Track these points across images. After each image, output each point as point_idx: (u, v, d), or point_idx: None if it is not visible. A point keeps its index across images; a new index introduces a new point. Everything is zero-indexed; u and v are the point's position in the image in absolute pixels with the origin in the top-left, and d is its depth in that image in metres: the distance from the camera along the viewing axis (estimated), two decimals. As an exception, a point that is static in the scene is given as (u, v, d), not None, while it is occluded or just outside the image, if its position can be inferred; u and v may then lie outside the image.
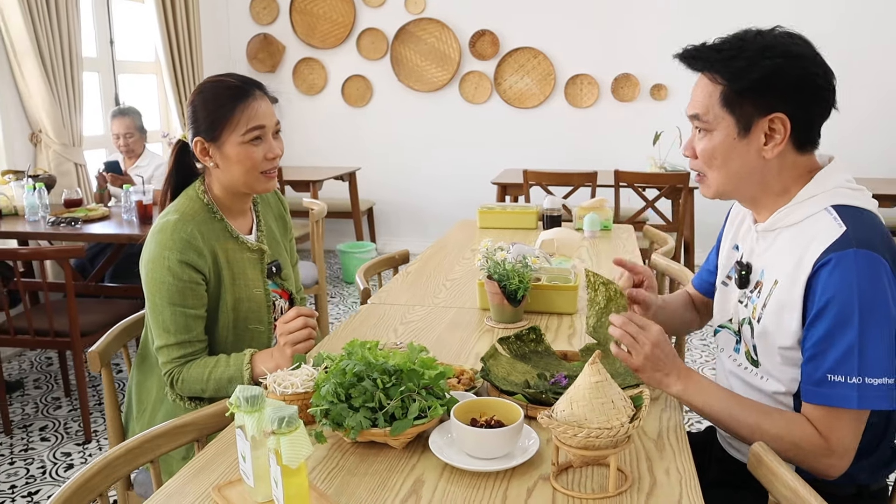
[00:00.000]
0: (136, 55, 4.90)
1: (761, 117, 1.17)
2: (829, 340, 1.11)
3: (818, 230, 1.17)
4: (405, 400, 1.16)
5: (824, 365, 1.12)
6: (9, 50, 3.67)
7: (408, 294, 2.07)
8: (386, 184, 5.97)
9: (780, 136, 1.18)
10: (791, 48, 1.16)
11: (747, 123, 1.18)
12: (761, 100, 1.17)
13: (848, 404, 1.10)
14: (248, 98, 1.55)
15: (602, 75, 5.38)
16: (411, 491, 1.06)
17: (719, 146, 1.21)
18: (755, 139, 1.19)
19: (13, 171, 3.56)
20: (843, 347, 1.10)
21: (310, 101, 5.96)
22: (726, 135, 1.20)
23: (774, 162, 1.21)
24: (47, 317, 2.80)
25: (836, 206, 1.18)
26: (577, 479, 1.08)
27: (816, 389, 1.13)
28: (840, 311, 1.10)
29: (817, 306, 1.13)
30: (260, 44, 5.89)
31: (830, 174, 1.22)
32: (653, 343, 1.20)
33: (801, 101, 1.17)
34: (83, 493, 1.09)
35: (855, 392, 1.09)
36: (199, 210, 1.60)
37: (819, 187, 1.21)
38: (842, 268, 1.10)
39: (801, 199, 1.21)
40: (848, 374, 1.10)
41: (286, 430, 0.94)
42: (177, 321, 1.54)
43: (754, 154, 1.20)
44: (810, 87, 1.17)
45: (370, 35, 5.72)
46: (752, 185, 1.24)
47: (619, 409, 1.03)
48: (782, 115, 1.16)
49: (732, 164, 1.22)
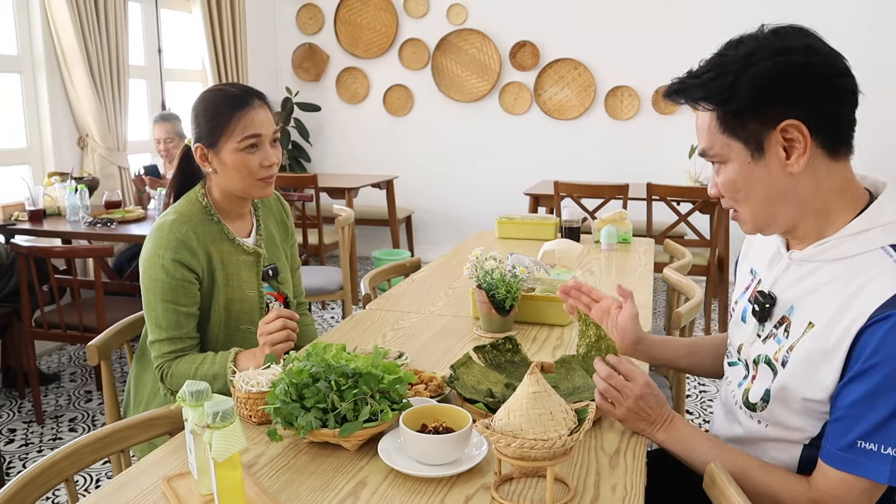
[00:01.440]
0: (183, 63, 5.08)
1: (771, 131, 1.03)
2: (868, 404, 0.98)
3: (873, 275, 1.01)
4: (358, 403, 1.18)
5: (857, 429, 0.99)
6: (60, 59, 3.86)
7: (407, 301, 2.09)
8: (425, 193, 6.02)
9: (802, 144, 1.02)
10: (777, 44, 1.02)
11: (758, 143, 1.04)
12: (763, 112, 1.03)
13: (878, 477, 0.98)
14: (246, 107, 1.60)
15: (643, 87, 5.31)
16: (351, 492, 1.07)
17: (737, 176, 1.08)
18: (773, 157, 1.04)
19: (59, 173, 3.74)
20: (884, 414, 0.97)
21: (352, 110, 6.06)
22: (741, 162, 1.06)
23: (806, 176, 1.05)
24: (77, 313, 2.93)
25: (894, 245, 1.03)
26: (520, 490, 1.07)
27: (842, 454, 1.00)
28: (889, 376, 0.96)
29: (863, 365, 0.98)
30: (305, 53, 6.03)
31: (885, 204, 1.06)
32: (636, 397, 1.17)
33: (808, 98, 1.01)
34: (46, 478, 1.13)
35: (889, 465, 0.97)
36: (196, 212, 1.66)
37: (872, 220, 1.05)
38: None
39: (851, 233, 1.05)
40: (883, 444, 0.97)
41: (220, 424, 0.96)
42: (168, 318, 1.60)
43: (779, 174, 1.05)
44: (812, 80, 1.01)
45: (412, 45, 5.79)
46: (788, 209, 1.08)
47: (559, 421, 1.02)
48: (793, 121, 1.01)
49: (758, 190, 1.07)
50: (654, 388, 1.19)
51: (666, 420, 1.19)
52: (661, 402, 1.19)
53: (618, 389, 1.18)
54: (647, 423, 1.19)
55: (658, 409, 1.19)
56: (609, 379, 1.19)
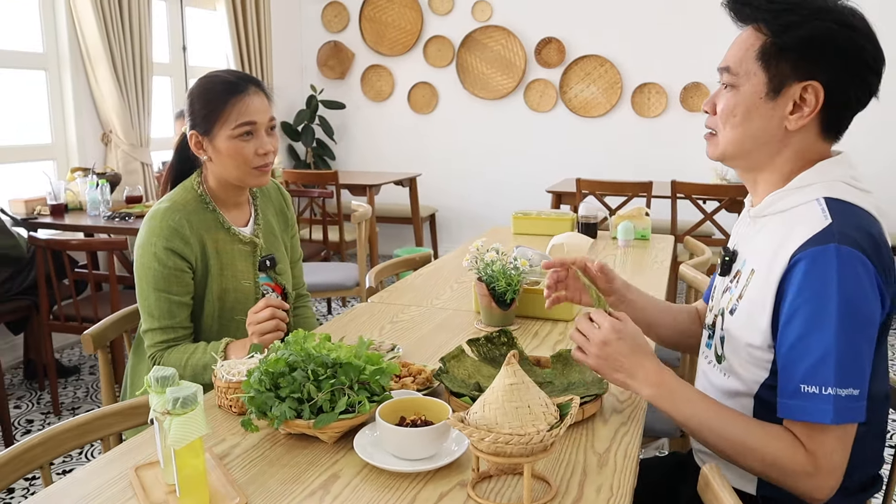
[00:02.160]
0: (207, 61, 5.11)
1: (796, 81, 1.07)
2: (801, 347, 1.00)
3: (800, 222, 1.06)
4: (336, 393, 1.13)
5: (797, 374, 1.01)
6: (84, 56, 3.91)
7: (410, 295, 2.04)
8: (449, 191, 5.97)
9: (810, 108, 1.07)
10: (847, 18, 1.06)
11: (779, 84, 1.08)
12: (802, 62, 1.06)
13: (823, 418, 0.98)
14: (241, 93, 1.57)
15: (671, 84, 5.19)
16: (322, 486, 1.02)
17: (742, 102, 1.11)
18: (782, 105, 1.08)
19: (82, 169, 3.78)
20: (819, 353, 0.98)
21: (377, 108, 6.05)
22: (753, 92, 1.10)
23: (794, 137, 1.10)
24: (92, 305, 2.95)
25: (829, 198, 1.07)
26: (499, 489, 1.01)
27: (790, 402, 1.02)
28: (815, 313, 0.99)
29: (789, 309, 1.02)
30: (330, 51, 6.03)
31: (833, 165, 1.11)
32: (600, 342, 1.12)
33: (843, 76, 1.06)
34: (21, 463, 1.12)
35: (830, 405, 0.97)
36: (190, 200, 1.63)
37: (817, 176, 1.10)
38: (820, 264, 0.99)
39: (795, 186, 1.11)
40: (823, 384, 0.98)
41: (180, 410, 0.93)
42: (161, 307, 1.58)
43: (776, 121, 1.09)
44: (855, 62, 1.06)
45: (437, 42, 5.75)
46: (762, 154, 1.13)
47: (537, 415, 0.96)
48: (818, 85, 1.06)
49: (751, 124, 1.11)
50: (622, 333, 1.12)
51: (651, 373, 1.12)
52: (635, 349, 1.12)
53: (584, 335, 1.14)
54: (625, 374, 1.13)
55: (631, 357, 1.12)
56: (578, 323, 1.15)
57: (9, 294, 3.14)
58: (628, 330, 1.13)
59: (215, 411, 1.28)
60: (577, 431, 1.18)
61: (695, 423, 1.09)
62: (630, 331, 1.14)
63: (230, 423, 1.23)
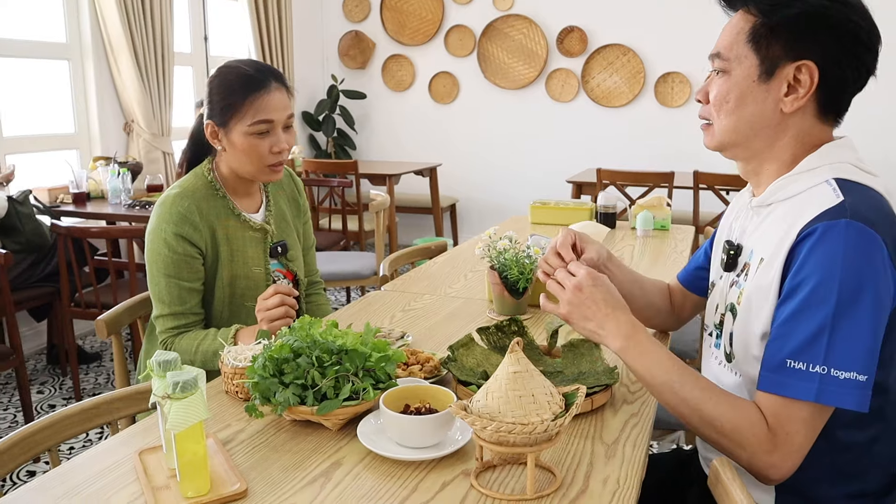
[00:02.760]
0: (229, 51, 5.13)
1: (789, 62, 1.04)
2: (796, 320, 0.96)
3: (812, 201, 1.02)
4: (340, 380, 1.12)
5: (786, 348, 0.97)
6: (107, 46, 3.94)
7: (424, 283, 2.03)
8: (470, 181, 5.94)
9: (805, 89, 1.04)
10: None
11: (772, 66, 1.05)
12: (794, 41, 1.03)
13: (805, 396, 0.94)
14: (260, 89, 1.55)
15: (695, 73, 5.10)
16: (323, 473, 1.01)
17: (735, 87, 1.07)
18: (776, 87, 1.05)
19: (104, 158, 3.82)
20: (812, 329, 0.95)
21: (397, 98, 6.03)
22: (745, 76, 1.06)
23: (791, 121, 1.07)
24: (112, 292, 2.98)
25: (838, 178, 1.03)
26: (502, 479, 1.00)
27: (772, 376, 0.98)
28: (816, 288, 0.95)
29: (791, 282, 0.98)
30: (351, 41, 6.02)
31: (838, 148, 1.08)
32: (574, 286, 1.10)
33: (836, 54, 1.02)
34: (28, 446, 1.12)
35: (815, 383, 0.94)
36: (201, 187, 1.63)
37: (823, 159, 1.06)
38: (829, 239, 0.96)
39: (801, 171, 1.07)
40: (811, 362, 0.94)
41: (180, 394, 0.92)
42: (171, 292, 1.58)
43: (771, 104, 1.06)
44: (849, 39, 1.02)
45: (458, 32, 5.71)
46: (760, 140, 1.09)
47: (541, 405, 0.94)
48: (811, 64, 1.03)
49: (745, 109, 1.07)
50: (598, 282, 1.11)
51: (623, 325, 1.09)
52: (608, 300, 1.10)
53: (559, 282, 1.13)
54: (596, 324, 1.11)
55: (604, 307, 1.10)
56: (549, 258, 1.14)
57: (31, 281, 3.19)
58: (604, 281, 1.12)
59: (222, 397, 1.27)
60: (586, 422, 1.16)
61: (658, 382, 1.06)
62: (606, 282, 1.12)
63: (236, 408, 1.22)
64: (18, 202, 3.10)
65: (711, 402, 1.02)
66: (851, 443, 1.06)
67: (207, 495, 0.95)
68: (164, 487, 0.97)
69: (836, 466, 1.08)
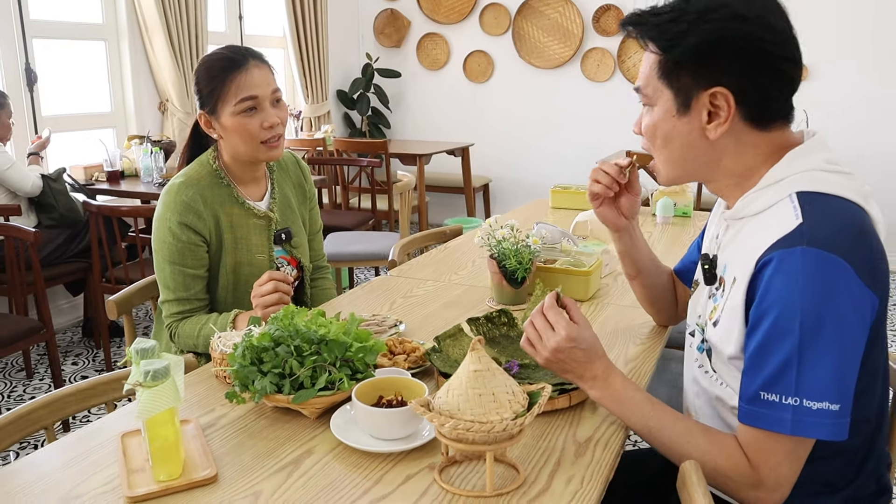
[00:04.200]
0: (264, 30, 5.17)
1: (701, 91, 1.01)
2: (764, 352, 0.95)
3: (773, 222, 0.99)
4: (317, 370, 1.14)
5: (758, 379, 0.95)
6: (142, 27, 4.02)
7: (430, 269, 2.03)
8: (503, 161, 5.91)
9: (725, 113, 1.01)
10: (738, 9, 0.98)
11: (686, 98, 1.03)
12: (700, 70, 1.01)
13: (780, 428, 0.93)
14: (239, 69, 1.57)
15: (734, 51, 4.94)
16: (293, 461, 1.04)
17: (659, 123, 1.07)
18: (696, 117, 1.03)
19: (138, 137, 3.92)
20: (780, 361, 0.92)
21: (432, 77, 6.01)
22: (665, 111, 1.05)
23: (726, 142, 1.04)
24: (140, 269, 3.07)
25: (801, 192, 0.99)
26: (466, 473, 1.00)
27: (748, 408, 0.96)
28: (778, 320, 0.93)
29: (756, 312, 0.97)
30: (387, 19, 6.00)
31: (803, 154, 1.03)
32: (553, 349, 1.10)
33: (747, 72, 0.99)
34: (24, 423, 1.18)
35: (789, 414, 0.92)
36: (205, 175, 1.66)
37: (787, 169, 1.02)
38: (785, 269, 0.93)
39: (767, 184, 1.03)
40: (783, 393, 0.92)
41: (150, 383, 0.95)
42: (175, 279, 1.62)
43: (697, 134, 1.04)
44: (756, 55, 0.98)
45: (493, 10, 5.64)
46: (702, 168, 1.08)
47: (502, 404, 0.94)
48: (723, 90, 1.00)
49: (674, 144, 1.07)
50: (579, 342, 1.09)
51: (599, 377, 1.10)
52: (589, 357, 1.10)
53: (539, 334, 1.12)
54: (574, 376, 1.12)
55: (585, 364, 1.10)
56: (534, 318, 1.12)
57: (66, 256, 3.31)
58: (583, 337, 1.10)
59: (213, 381, 1.31)
60: (562, 419, 1.16)
61: (637, 428, 1.08)
62: (585, 338, 1.10)
63: (223, 393, 1.25)
64: (52, 179, 3.21)
65: (690, 445, 1.01)
66: (839, 450, 1.04)
67: (178, 479, 0.98)
68: (139, 470, 1.01)
69: (820, 475, 1.06)
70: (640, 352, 1.44)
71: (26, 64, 3.55)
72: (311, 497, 0.95)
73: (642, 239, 1.42)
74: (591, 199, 1.37)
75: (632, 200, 1.36)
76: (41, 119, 3.65)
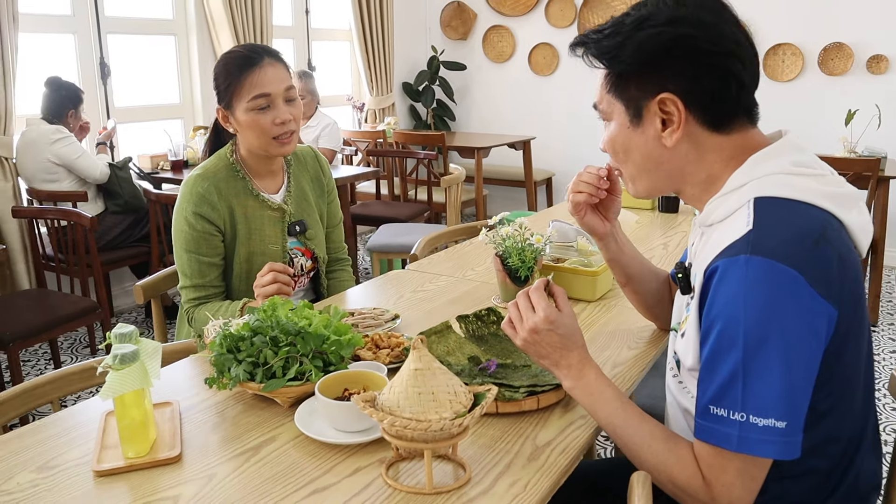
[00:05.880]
0: (330, 23, 5.28)
1: (649, 99, 1.01)
2: (712, 364, 0.92)
3: (727, 230, 0.96)
4: (290, 361, 1.19)
5: (708, 393, 0.92)
6: (209, 21, 4.19)
7: (448, 264, 2.05)
8: (567, 154, 5.83)
9: (677, 118, 1.00)
10: (671, 13, 0.97)
11: (637, 109, 1.03)
12: (644, 78, 1.00)
13: (727, 445, 0.90)
14: (253, 67, 1.63)
15: (808, 45, 4.69)
16: (255, 447, 1.08)
17: (616, 137, 1.08)
18: (650, 126, 1.02)
19: (203, 127, 4.09)
20: (726, 375, 0.90)
21: (497, 69, 5.99)
22: (620, 124, 1.06)
23: (685, 148, 1.02)
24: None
25: (759, 198, 0.96)
26: (415, 470, 1.02)
27: (700, 422, 0.94)
28: (723, 332, 0.90)
29: (705, 323, 0.94)
30: (453, 11, 6.02)
31: (767, 157, 0.99)
32: (531, 329, 1.10)
33: (686, 74, 0.98)
34: (30, 398, 1.28)
35: (736, 430, 0.89)
36: (221, 168, 1.73)
37: (749, 174, 0.99)
38: (729, 279, 0.90)
39: (729, 190, 1.01)
40: (730, 408, 0.89)
41: (118, 366, 1.02)
42: (192, 266, 1.71)
43: (654, 143, 1.03)
44: (691, 55, 0.97)
45: (559, 2, 5.56)
46: (667, 178, 1.07)
47: (441, 403, 0.95)
48: (669, 95, 0.99)
49: (634, 155, 1.07)
50: (556, 326, 1.09)
51: (574, 367, 1.10)
52: (565, 344, 1.10)
53: (521, 314, 1.12)
54: (550, 362, 1.12)
55: (560, 350, 1.10)
56: (518, 299, 1.13)
57: (130, 240, 3.51)
58: (562, 322, 1.10)
59: (207, 365, 1.37)
60: (528, 421, 1.16)
61: (603, 423, 1.07)
62: (564, 324, 1.10)
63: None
64: (118, 168, 3.41)
65: (650, 450, 1.00)
66: (807, 469, 1.00)
67: (144, 458, 1.04)
68: (113, 447, 1.08)
69: (791, 495, 1.02)
70: (631, 356, 1.41)
71: (101, 58, 3.77)
72: (259, 483, 0.99)
73: (629, 244, 1.39)
74: (574, 210, 1.35)
75: (613, 201, 1.35)
76: (113, 110, 3.88)
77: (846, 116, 3.65)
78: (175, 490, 0.98)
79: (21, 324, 2.58)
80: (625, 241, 1.38)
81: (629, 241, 1.40)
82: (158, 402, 1.19)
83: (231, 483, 0.99)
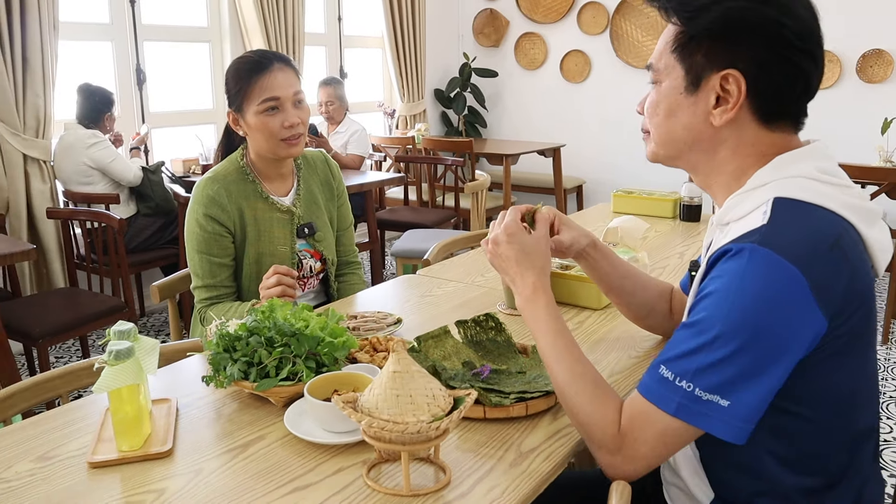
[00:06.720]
0: (362, 30, 5.35)
1: (713, 72, 0.97)
2: (683, 333, 0.93)
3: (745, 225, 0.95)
4: (283, 361, 1.21)
5: (665, 354, 0.94)
6: (242, 29, 4.28)
7: (458, 270, 2.06)
8: (598, 161, 5.80)
9: (734, 99, 0.97)
10: None
11: (697, 77, 0.99)
12: (716, 49, 0.96)
13: (665, 406, 0.92)
14: (264, 71, 1.68)
15: (846, 51, 4.59)
16: (244, 445, 1.11)
17: (664, 99, 1.03)
18: (703, 98, 0.99)
19: (234, 132, 4.18)
20: (693, 345, 0.91)
21: (529, 76, 5.99)
22: (673, 88, 1.01)
23: (728, 133, 1.00)
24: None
25: (780, 198, 0.94)
26: (396, 472, 1.03)
27: (646, 378, 0.96)
28: (706, 311, 0.91)
29: (697, 297, 0.96)
30: (486, 19, 6.04)
31: (794, 159, 0.97)
32: (493, 239, 1.17)
33: (763, 58, 0.95)
34: (41, 391, 1.33)
35: (678, 396, 0.90)
36: (232, 171, 1.78)
37: (775, 173, 0.97)
38: (731, 265, 0.90)
39: (753, 187, 0.99)
40: (680, 375, 0.91)
41: (113, 361, 1.05)
42: (203, 267, 1.75)
43: (701, 116, 1.00)
44: (774, 41, 0.94)
45: (591, 9, 5.54)
46: (696, 154, 1.04)
47: (419, 406, 0.96)
48: (736, 73, 0.95)
49: (674, 121, 1.02)
50: (513, 238, 1.16)
51: (528, 287, 1.14)
52: (520, 259, 1.15)
53: None
54: (510, 278, 1.17)
55: (516, 267, 1.15)
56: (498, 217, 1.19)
57: (161, 242, 3.60)
58: (522, 239, 1.15)
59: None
60: (515, 427, 1.16)
61: (542, 353, 1.10)
62: (524, 241, 1.15)
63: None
64: (151, 171, 3.51)
65: (574, 389, 1.03)
66: (795, 489, 0.98)
67: (138, 451, 1.08)
68: (109, 440, 1.11)
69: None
70: (630, 365, 1.40)
71: (137, 65, 3.89)
72: (244, 479, 1.02)
73: (607, 259, 1.36)
74: None
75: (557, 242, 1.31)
76: (148, 115, 3.99)
77: (883, 125, 3.56)
78: (163, 483, 1.01)
79: (50, 321, 2.67)
80: (604, 254, 1.36)
81: (611, 254, 1.37)
82: (157, 399, 1.23)
83: (217, 478, 1.02)
